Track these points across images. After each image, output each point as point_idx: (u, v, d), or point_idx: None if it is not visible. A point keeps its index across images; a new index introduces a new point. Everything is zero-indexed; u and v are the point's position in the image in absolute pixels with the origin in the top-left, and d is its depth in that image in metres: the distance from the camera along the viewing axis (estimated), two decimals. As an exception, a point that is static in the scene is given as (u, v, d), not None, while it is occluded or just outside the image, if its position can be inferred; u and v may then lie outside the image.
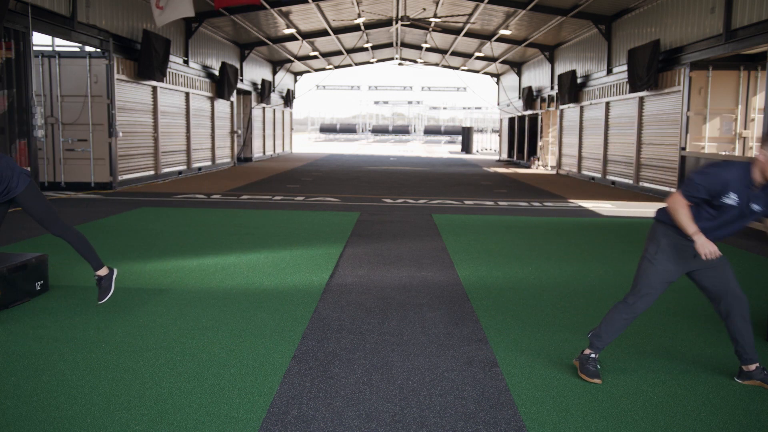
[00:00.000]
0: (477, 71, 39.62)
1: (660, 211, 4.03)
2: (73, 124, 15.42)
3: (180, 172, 20.36)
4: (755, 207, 3.69)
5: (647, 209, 13.57)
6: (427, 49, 35.11)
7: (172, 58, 19.17)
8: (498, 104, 39.79)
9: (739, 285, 4.01)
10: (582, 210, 13.30)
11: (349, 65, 40.90)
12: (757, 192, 3.67)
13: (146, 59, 16.88)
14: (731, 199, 3.63)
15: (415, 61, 41.17)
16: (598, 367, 4.06)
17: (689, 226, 3.73)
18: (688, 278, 4.12)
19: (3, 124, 11.60)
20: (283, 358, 4.39)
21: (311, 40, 29.92)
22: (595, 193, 17.06)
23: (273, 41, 28.18)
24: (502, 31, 25.45)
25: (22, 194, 5.04)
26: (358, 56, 38.48)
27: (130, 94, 16.94)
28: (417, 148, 51.11)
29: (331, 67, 40.43)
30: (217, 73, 23.83)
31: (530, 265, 7.57)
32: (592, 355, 4.08)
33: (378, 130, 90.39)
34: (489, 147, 50.59)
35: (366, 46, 34.16)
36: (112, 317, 5.22)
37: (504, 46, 29.45)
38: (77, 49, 15.66)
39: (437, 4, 23.91)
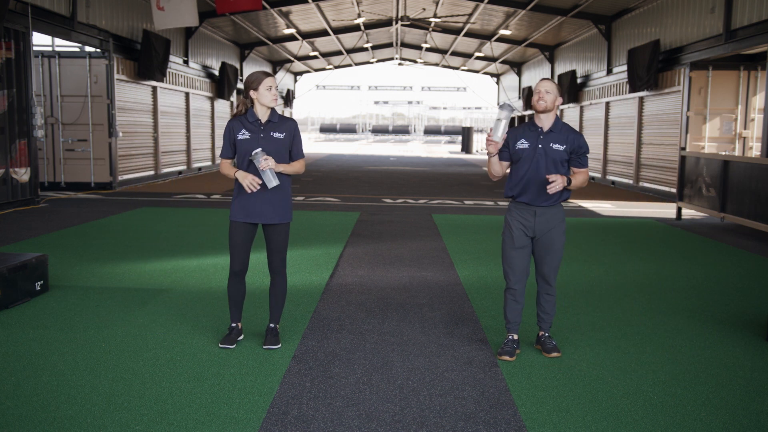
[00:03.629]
0: (477, 71, 39.63)
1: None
2: (73, 124, 15.42)
3: (180, 172, 20.35)
4: (556, 146, 4.33)
5: (647, 209, 13.57)
6: (427, 49, 35.11)
7: (172, 58, 19.16)
8: (498, 104, 39.80)
9: (555, 272, 4.52)
10: (582, 210, 13.30)
11: (349, 65, 40.90)
12: (551, 133, 4.35)
13: (146, 59, 16.88)
14: (522, 143, 4.39)
15: (415, 61, 41.18)
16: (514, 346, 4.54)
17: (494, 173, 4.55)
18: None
19: (3, 124, 11.59)
20: (283, 358, 4.38)
21: (311, 40, 29.92)
22: (594, 193, 17.06)
23: (273, 41, 28.18)
24: (502, 31, 25.45)
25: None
26: (358, 56, 38.49)
27: (130, 94, 16.93)
28: (417, 148, 51.11)
29: (331, 67, 40.43)
30: (217, 73, 23.84)
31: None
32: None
33: (378, 130, 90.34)
34: (489, 147, 50.39)
35: (366, 46, 34.16)
36: (112, 317, 5.22)
37: (504, 46, 29.45)
38: (77, 49, 15.65)
39: (437, 4, 23.91)
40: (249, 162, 4.38)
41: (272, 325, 4.65)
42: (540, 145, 4.34)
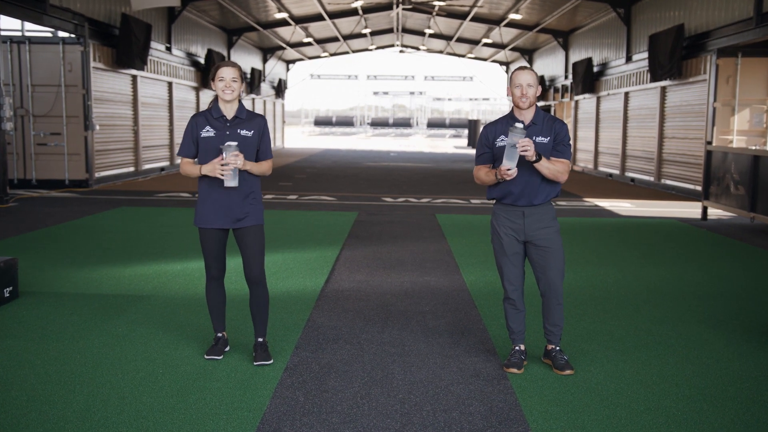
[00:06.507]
0: (484, 59, 39.64)
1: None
2: (45, 116, 15.42)
3: (162, 169, 20.37)
4: (540, 139, 4.33)
5: (670, 209, 13.58)
6: (431, 36, 35.12)
7: (153, 44, 19.16)
8: (507, 95, 39.71)
9: (562, 277, 4.47)
10: (598, 209, 13.31)
11: (346, 53, 40.93)
12: (533, 126, 4.35)
13: (125, 46, 16.88)
14: (503, 140, 4.35)
15: (418, 49, 41.19)
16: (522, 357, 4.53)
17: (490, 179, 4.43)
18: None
19: (-31, 117, 11.60)
20: (275, 370, 4.39)
21: (305, 25, 29.93)
22: (612, 191, 17.07)
23: (263, 26, 28.19)
24: (512, 16, 25.47)
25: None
26: (356, 43, 38.51)
27: (108, 84, 16.94)
28: (419, 143, 51.18)
29: (326, 54, 40.46)
30: (202, 61, 23.85)
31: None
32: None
33: (377, 123, 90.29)
34: (498, 141, 50.46)
35: (364, 32, 34.18)
36: (88, 327, 5.22)
37: (514, 31, 29.47)
38: (49, 35, 15.65)
39: (441, -15, 23.94)
40: (214, 155, 4.29)
41: (260, 340, 4.58)
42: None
